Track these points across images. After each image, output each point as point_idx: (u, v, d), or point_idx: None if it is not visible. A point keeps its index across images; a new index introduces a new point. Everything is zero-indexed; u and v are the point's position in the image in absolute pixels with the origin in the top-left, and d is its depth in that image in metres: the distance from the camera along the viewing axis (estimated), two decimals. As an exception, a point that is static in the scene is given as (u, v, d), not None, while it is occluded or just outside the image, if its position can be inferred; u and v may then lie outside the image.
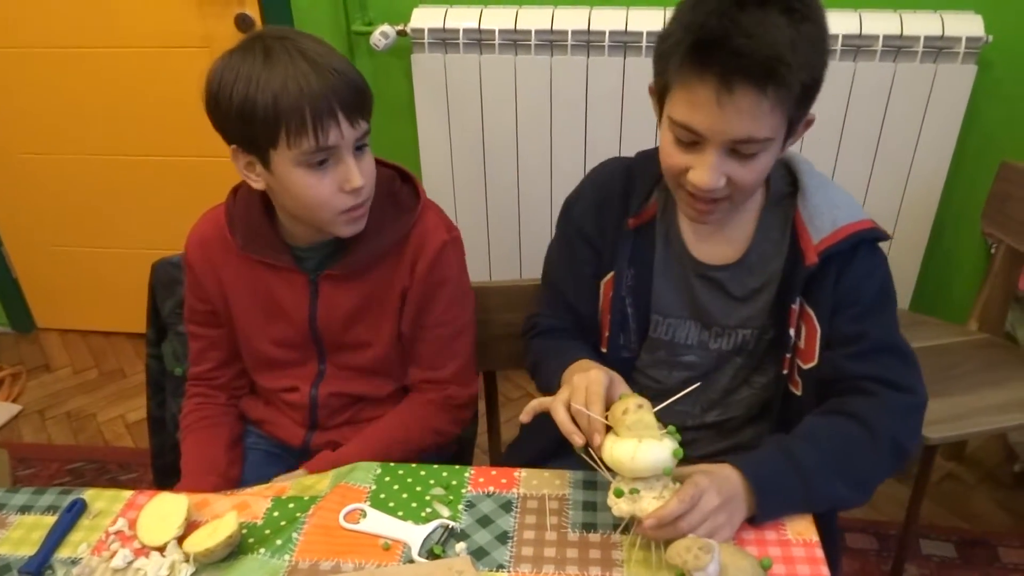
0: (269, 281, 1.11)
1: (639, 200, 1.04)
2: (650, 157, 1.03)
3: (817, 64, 0.87)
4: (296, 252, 1.10)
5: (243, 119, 0.95)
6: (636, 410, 0.82)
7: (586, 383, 0.87)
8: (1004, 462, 1.97)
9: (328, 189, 0.99)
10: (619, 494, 0.82)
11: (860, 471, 0.92)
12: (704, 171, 0.90)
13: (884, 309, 0.99)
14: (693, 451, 1.12)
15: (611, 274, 1.06)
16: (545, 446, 1.09)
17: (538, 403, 0.90)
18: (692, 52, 0.85)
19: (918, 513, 1.57)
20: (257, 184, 1.02)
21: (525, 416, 0.90)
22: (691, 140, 0.90)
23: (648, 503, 0.81)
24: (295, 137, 0.94)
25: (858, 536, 1.77)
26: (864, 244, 0.97)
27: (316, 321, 1.12)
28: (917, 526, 1.75)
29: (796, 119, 0.91)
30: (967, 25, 1.71)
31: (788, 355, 1.01)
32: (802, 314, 0.99)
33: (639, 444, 0.80)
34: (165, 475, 1.39)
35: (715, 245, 1.03)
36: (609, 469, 0.84)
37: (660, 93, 0.93)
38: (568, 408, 0.86)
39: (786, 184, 1.03)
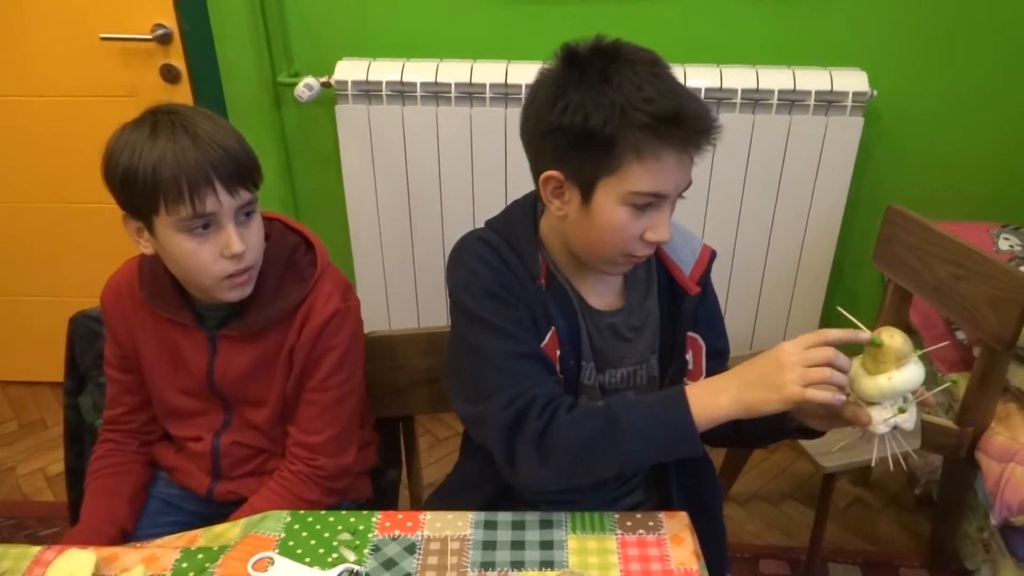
0: (173, 333, 1.15)
1: (532, 260, 1.04)
2: (511, 222, 1.08)
3: None
4: (198, 310, 1.14)
5: (126, 187, 1.01)
6: (908, 339, 0.89)
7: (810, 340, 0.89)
8: (906, 486, 2.08)
9: (209, 255, 1.03)
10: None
11: None
12: (665, 227, 0.98)
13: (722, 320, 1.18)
14: (630, 500, 1.18)
15: (549, 334, 1.04)
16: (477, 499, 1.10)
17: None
18: (654, 128, 0.90)
19: (822, 538, 1.66)
20: (146, 249, 1.08)
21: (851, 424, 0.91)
22: (647, 203, 0.96)
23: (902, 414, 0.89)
24: (173, 204, 0.99)
25: (770, 562, 1.85)
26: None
27: (214, 376, 1.16)
28: (826, 550, 1.84)
29: None
30: (853, 80, 1.85)
31: (685, 379, 1.09)
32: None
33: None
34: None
35: (601, 295, 1.09)
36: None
37: (590, 179, 0.95)
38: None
39: None
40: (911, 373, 0.88)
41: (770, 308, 2.10)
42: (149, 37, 1.94)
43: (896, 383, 0.88)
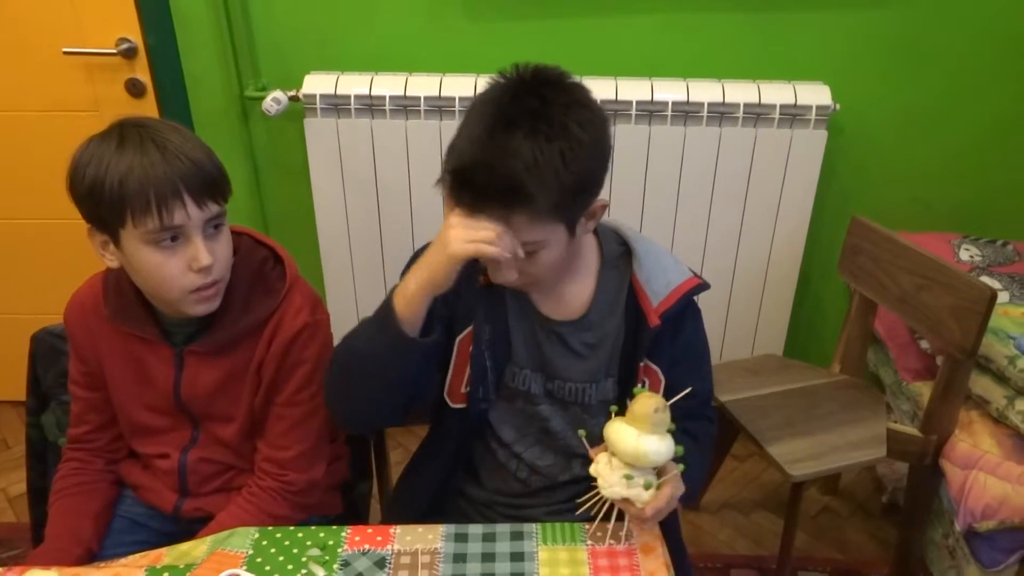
0: (139, 350, 1.14)
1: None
2: None
3: (568, 178, 0.92)
4: (165, 326, 1.13)
5: (92, 199, 1.00)
6: (664, 410, 0.92)
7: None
8: (874, 494, 2.11)
9: (176, 268, 1.03)
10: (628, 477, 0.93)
11: (706, 467, 1.28)
12: (497, 273, 1.02)
13: (706, 361, 1.18)
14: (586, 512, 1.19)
15: (468, 330, 1.10)
16: (423, 504, 1.12)
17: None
18: (449, 177, 0.95)
19: (791, 546, 1.67)
20: (112, 263, 1.07)
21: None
22: None
23: (644, 491, 0.93)
24: (140, 217, 0.99)
25: (741, 571, 1.86)
26: (690, 301, 1.10)
27: (180, 393, 1.15)
28: (796, 559, 1.85)
29: (572, 218, 0.99)
30: (816, 95, 1.88)
31: None
32: (644, 368, 1.08)
33: (662, 438, 0.92)
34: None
35: (557, 303, 1.11)
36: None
37: None
38: None
39: (618, 245, 1.12)
40: (629, 437, 0.91)
41: (738, 318, 2.12)
42: (114, 51, 1.92)
43: (617, 433, 0.92)
